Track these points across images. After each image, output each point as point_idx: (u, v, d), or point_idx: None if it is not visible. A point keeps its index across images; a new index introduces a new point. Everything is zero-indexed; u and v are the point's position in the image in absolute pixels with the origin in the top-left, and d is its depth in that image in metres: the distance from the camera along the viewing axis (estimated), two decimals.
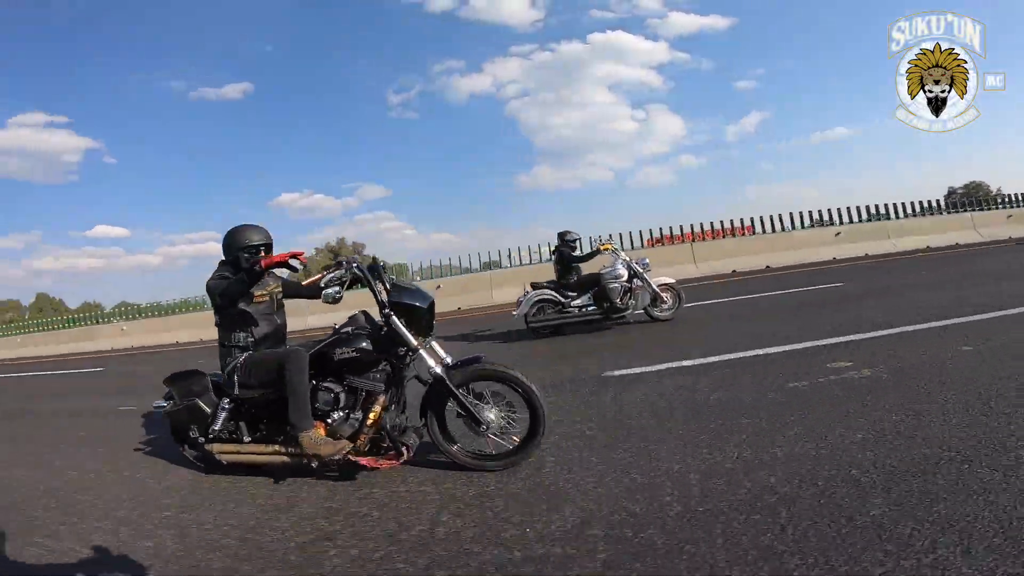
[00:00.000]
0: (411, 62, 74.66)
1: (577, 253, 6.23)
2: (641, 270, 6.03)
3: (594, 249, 6.28)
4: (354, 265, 2.54)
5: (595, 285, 6.00)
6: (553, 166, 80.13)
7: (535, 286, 6.31)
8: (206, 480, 2.77)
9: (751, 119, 75.58)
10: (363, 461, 2.46)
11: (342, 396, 2.52)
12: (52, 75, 67.17)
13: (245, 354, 2.65)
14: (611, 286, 5.89)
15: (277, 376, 2.48)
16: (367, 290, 2.52)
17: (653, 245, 13.70)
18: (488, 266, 14.24)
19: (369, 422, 2.46)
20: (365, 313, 2.70)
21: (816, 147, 79.19)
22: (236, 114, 68.31)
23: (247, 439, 2.69)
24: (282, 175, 75.64)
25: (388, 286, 2.50)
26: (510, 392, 2.42)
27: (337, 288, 2.46)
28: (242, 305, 2.64)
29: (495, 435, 2.41)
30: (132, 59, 67.09)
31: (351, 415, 2.49)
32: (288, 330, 2.92)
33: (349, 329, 2.57)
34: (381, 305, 2.45)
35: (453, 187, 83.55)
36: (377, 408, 2.47)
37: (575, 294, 6.10)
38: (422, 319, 2.47)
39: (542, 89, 72.70)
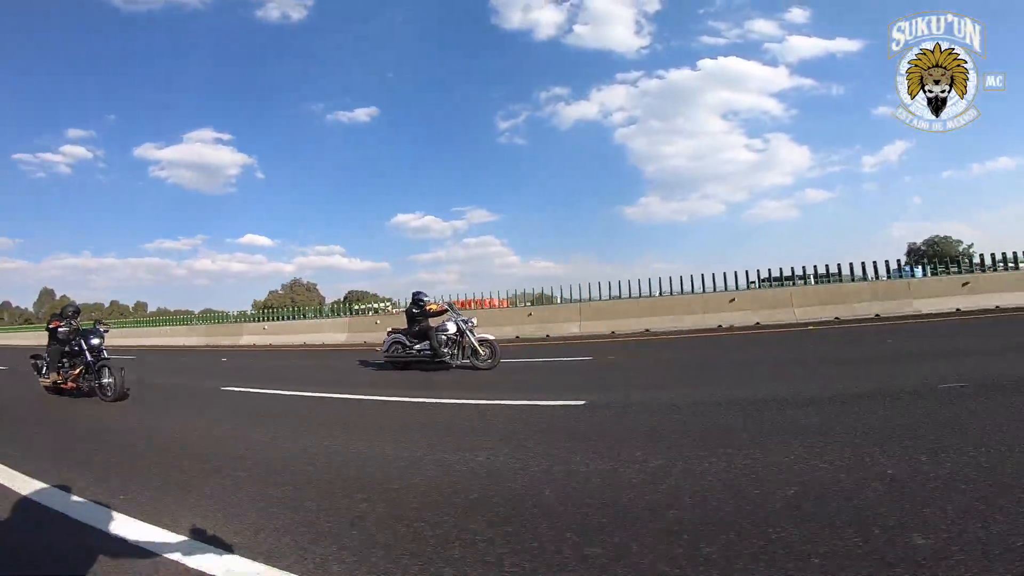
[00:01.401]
0: (518, 89, 73.04)
1: (416, 311, 8.29)
2: (465, 327, 7.99)
3: (428, 309, 8.31)
4: (73, 323, 6.96)
5: (427, 336, 8.09)
6: (663, 197, 74.58)
7: (395, 331, 8.55)
8: None
9: (894, 148, 61.73)
10: (65, 387, 6.76)
11: (66, 363, 6.74)
12: (220, 95, 75.48)
13: (50, 347, 7.04)
14: (437, 337, 7.96)
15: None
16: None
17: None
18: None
19: (73, 375, 6.66)
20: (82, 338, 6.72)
21: (976, 179, 63.92)
22: (364, 136, 72.41)
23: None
24: (400, 196, 78.15)
25: (80, 327, 6.94)
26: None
27: (65, 329, 6.87)
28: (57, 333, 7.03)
29: (109, 393, 6.35)
30: (281, 80, 73.53)
31: (68, 372, 6.70)
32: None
33: (74, 342, 6.74)
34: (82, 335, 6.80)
35: (559, 215, 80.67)
36: (76, 371, 6.64)
37: (417, 341, 8.24)
38: (91, 342, 6.61)
39: (650, 117, 67.51)
